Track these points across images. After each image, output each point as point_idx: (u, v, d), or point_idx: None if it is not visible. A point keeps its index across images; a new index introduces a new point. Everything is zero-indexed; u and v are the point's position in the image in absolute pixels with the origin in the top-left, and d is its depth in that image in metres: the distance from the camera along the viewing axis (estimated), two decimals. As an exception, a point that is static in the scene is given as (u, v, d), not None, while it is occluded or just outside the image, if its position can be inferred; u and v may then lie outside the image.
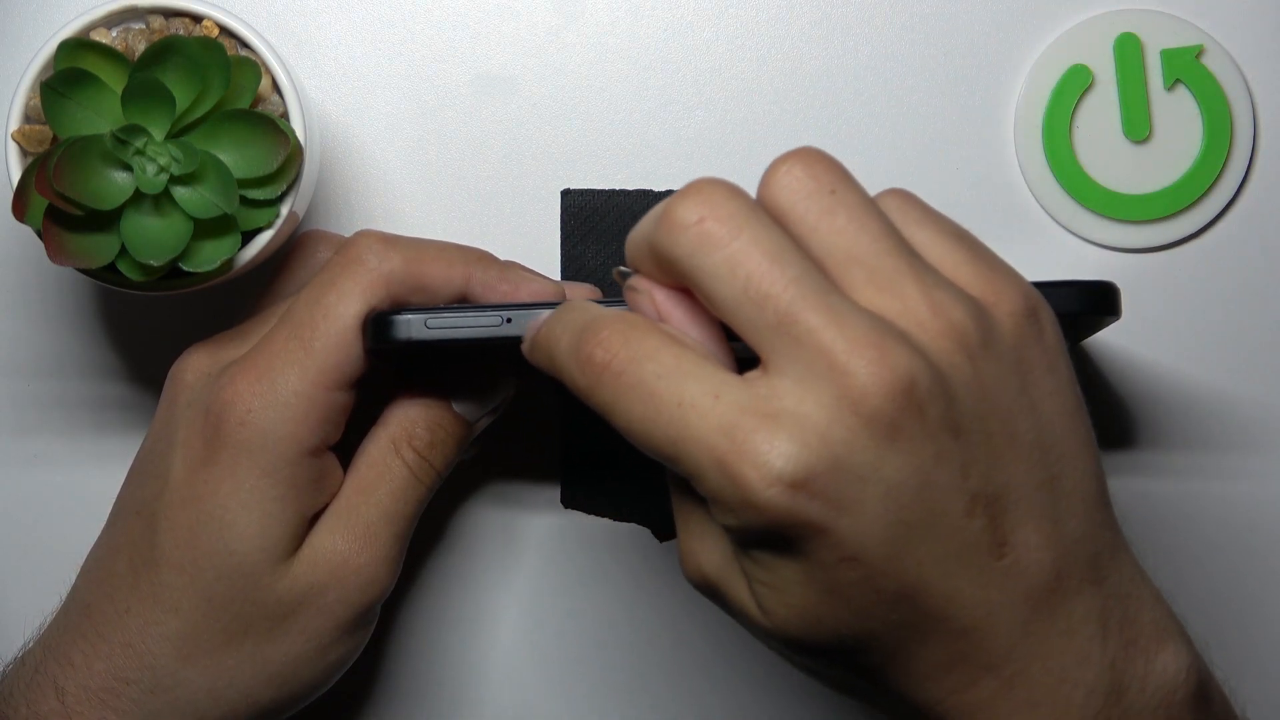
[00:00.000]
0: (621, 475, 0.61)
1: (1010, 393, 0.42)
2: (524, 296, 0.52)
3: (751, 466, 0.39)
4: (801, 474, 0.39)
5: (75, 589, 0.53)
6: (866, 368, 0.39)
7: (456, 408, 0.53)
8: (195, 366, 0.52)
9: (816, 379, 0.40)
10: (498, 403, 0.54)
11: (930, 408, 0.40)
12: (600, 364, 0.41)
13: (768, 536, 0.40)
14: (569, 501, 0.61)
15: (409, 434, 0.52)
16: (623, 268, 0.45)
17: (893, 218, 0.42)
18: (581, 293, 0.56)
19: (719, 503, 0.40)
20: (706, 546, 0.44)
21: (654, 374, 0.41)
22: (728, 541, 0.43)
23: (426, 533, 0.61)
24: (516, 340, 0.48)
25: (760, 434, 0.39)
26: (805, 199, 0.41)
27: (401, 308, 0.50)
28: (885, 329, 0.40)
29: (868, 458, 0.39)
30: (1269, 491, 0.61)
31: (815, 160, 0.42)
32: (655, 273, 0.43)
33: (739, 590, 0.43)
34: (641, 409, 0.41)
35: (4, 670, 0.52)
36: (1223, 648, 0.61)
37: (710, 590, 0.44)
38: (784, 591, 0.41)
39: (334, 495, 0.52)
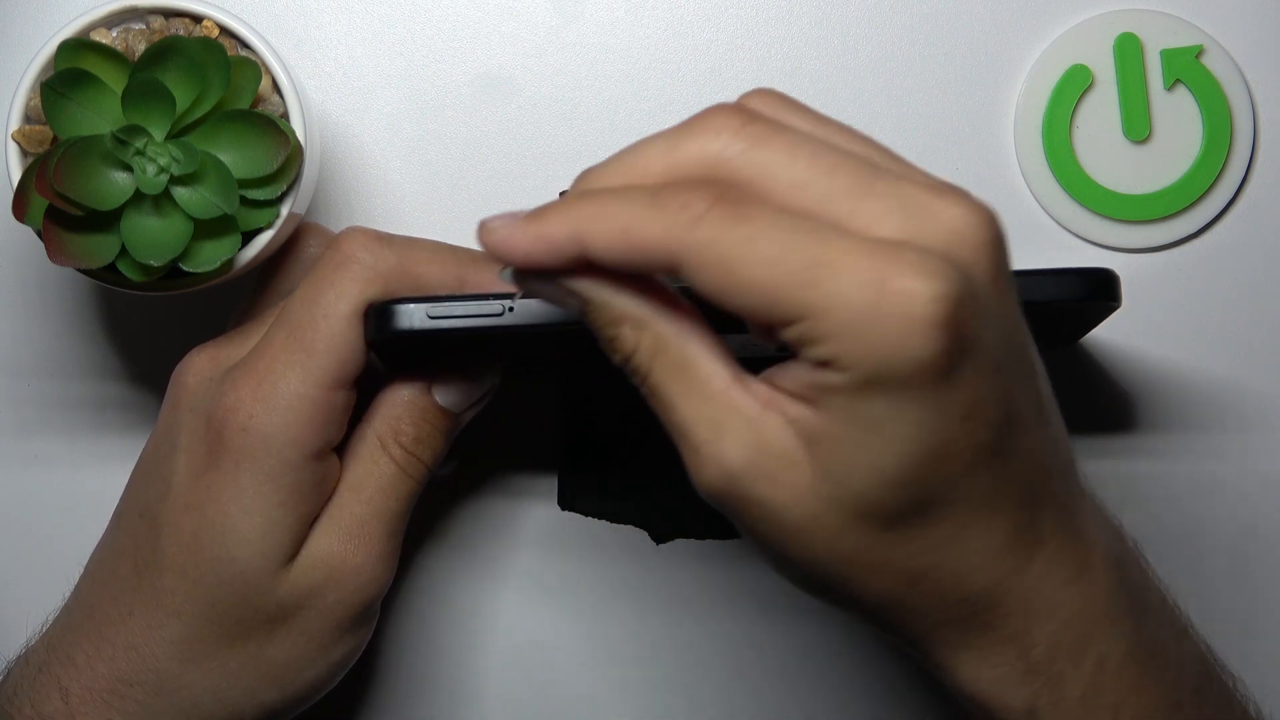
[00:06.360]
0: (619, 477, 0.61)
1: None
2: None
3: (912, 287, 0.37)
4: (954, 300, 0.38)
5: (79, 589, 0.53)
6: (959, 210, 0.39)
7: (441, 400, 0.53)
8: (197, 370, 0.52)
9: (918, 222, 0.39)
10: (482, 394, 0.54)
11: (1009, 260, 0.40)
12: (705, 202, 0.39)
13: (902, 375, 0.38)
14: (566, 503, 0.61)
15: (394, 430, 0.52)
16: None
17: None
18: None
19: (860, 334, 0.38)
20: (730, 436, 0.40)
21: (780, 211, 0.39)
22: (756, 409, 0.40)
23: (424, 534, 0.61)
24: (518, 329, 0.48)
25: (912, 254, 0.38)
26: (791, 115, 0.42)
27: (402, 298, 0.49)
28: (946, 184, 0.40)
29: (986, 292, 0.39)
30: (1268, 472, 0.61)
31: (774, 92, 0.42)
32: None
33: (778, 474, 0.40)
34: (771, 232, 0.38)
35: (7, 669, 0.52)
36: (1222, 618, 0.61)
37: (735, 487, 0.41)
38: (879, 450, 0.39)
39: None
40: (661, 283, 0.41)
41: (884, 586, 0.42)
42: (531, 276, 0.42)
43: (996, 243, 0.39)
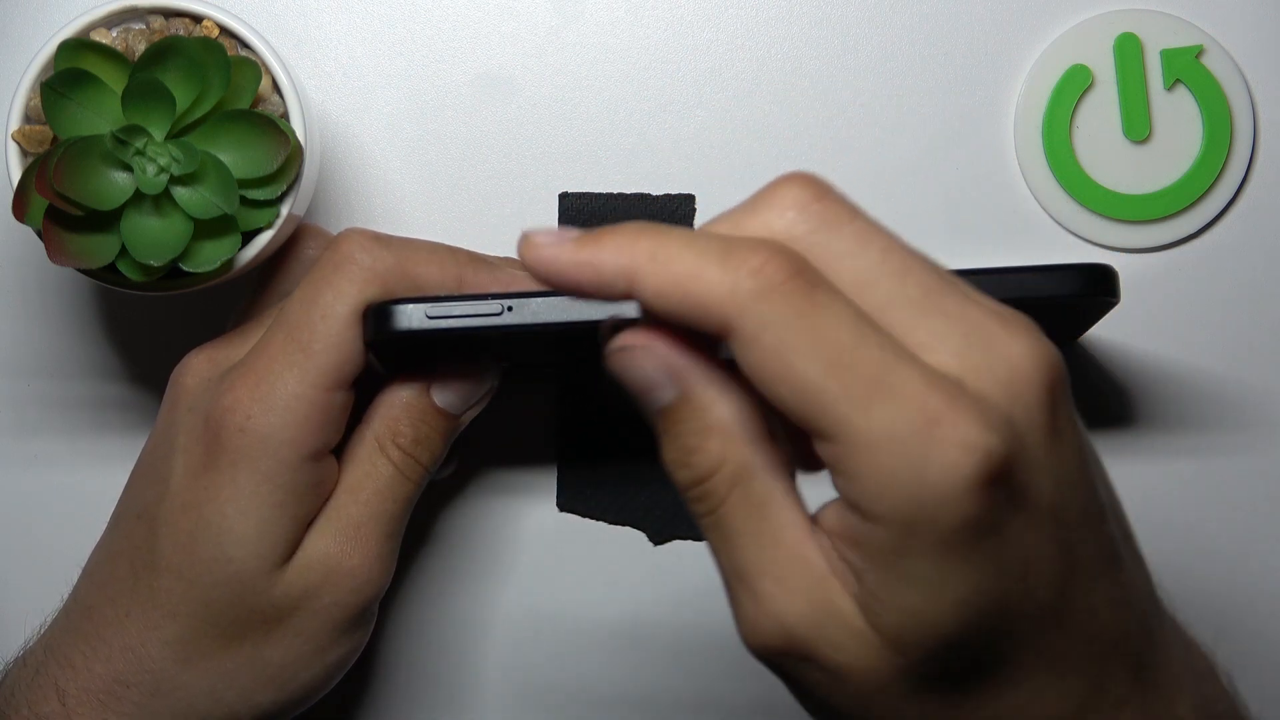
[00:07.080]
0: (617, 478, 0.61)
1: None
2: None
3: (960, 436, 0.35)
4: (1002, 456, 0.35)
5: (77, 590, 0.53)
6: (1022, 349, 0.36)
7: (439, 401, 0.53)
8: (196, 370, 0.52)
9: (980, 354, 0.36)
10: (481, 395, 0.54)
11: (1070, 401, 0.37)
12: (782, 273, 0.35)
13: (942, 530, 0.35)
14: (564, 505, 0.61)
15: (393, 431, 0.52)
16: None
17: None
18: None
19: (895, 480, 0.35)
20: (796, 593, 0.37)
21: (852, 308, 0.36)
22: (825, 570, 0.37)
23: (423, 534, 0.61)
24: (517, 329, 0.48)
25: (968, 399, 0.35)
26: (849, 220, 0.38)
27: (401, 299, 0.49)
28: (1012, 313, 0.37)
29: (1041, 443, 0.36)
30: (1269, 470, 0.61)
31: (825, 187, 0.38)
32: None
33: (839, 638, 0.37)
34: (840, 332, 0.35)
35: (5, 670, 0.52)
36: (1221, 617, 0.61)
37: (794, 646, 0.38)
38: (937, 615, 0.36)
39: None
40: (763, 404, 0.37)
41: None
42: (649, 338, 0.38)
43: (1057, 386, 0.36)
